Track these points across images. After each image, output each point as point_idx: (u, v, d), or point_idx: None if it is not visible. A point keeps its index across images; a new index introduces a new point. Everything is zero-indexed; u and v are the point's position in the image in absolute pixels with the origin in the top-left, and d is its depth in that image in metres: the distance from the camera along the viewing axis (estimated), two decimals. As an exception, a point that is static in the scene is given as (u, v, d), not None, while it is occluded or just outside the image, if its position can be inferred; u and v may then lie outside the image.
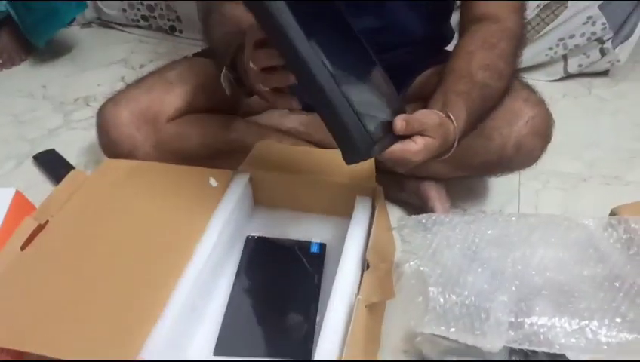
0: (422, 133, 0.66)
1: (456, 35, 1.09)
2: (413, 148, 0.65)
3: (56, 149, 1.18)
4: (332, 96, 0.58)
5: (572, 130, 1.24)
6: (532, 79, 1.43)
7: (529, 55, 1.40)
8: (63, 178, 0.90)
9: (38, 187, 1.07)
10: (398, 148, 0.65)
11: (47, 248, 0.77)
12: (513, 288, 0.66)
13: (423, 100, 0.82)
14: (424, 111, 0.68)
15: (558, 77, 1.47)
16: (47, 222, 0.81)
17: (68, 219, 0.82)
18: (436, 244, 0.72)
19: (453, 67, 0.81)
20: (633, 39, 1.39)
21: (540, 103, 0.88)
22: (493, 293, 0.65)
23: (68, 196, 0.85)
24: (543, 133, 0.88)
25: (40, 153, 1.17)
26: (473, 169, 0.93)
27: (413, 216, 0.78)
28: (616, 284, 0.66)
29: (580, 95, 1.43)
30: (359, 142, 0.60)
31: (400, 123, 0.64)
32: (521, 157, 0.89)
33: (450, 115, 0.71)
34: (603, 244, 0.73)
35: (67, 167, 1.10)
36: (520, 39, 0.85)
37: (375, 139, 0.61)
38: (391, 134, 0.65)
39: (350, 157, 0.62)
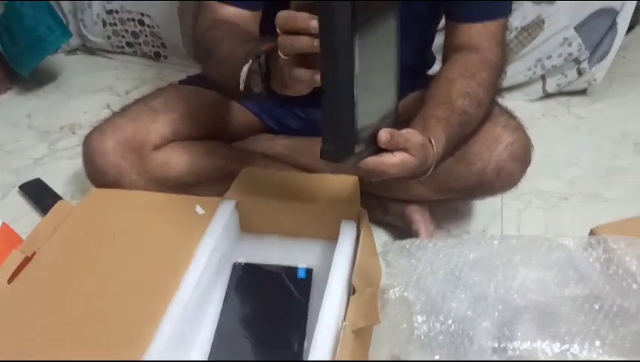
0: (404, 150, 0.66)
1: (438, 59, 1.12)
2: (391, 160, 0.65)
3: (42, 179, 1.18)
4: (343, 92, 0.58)
5: (552, 149, 1.27)
6: (512, 99, 1.47)
7: (509, 75, 1.43)
8: (49, 208, 0.90)
9: (25, 218, 1.08)
10: (376, 157, 0.65)
11: (35, 281, 0.77)
12: (496, 313, 0.67)
13: (404, 124, 0.84)
14: (409, 129, 0.69)
15: (537, 96, 1.50)
16: (34, 254, 0.81)
17: (55, 250, 0.82)
18: (420, 270, 0.73)
19: (434, 93, 0.83)
20: (609, 59, 1.43)
21: (519, 128, 0.91)
22: (476, 319, 0.66)
23: (54, 227, 0.85)
24: (523, 157, 0.90)
25: (26, 183, 1.17)
26: (455, 192, 0.95)
27: (397, 241, 0.80)
28: (596, 306, 0.68)
29: (559, 114, 1.46)
30: (343, 142, 0.60)
31: (385, 135, 0.64)
32: (501, 181, 0.91)
33: (431, 140, 0.72)
34: (583, 264, 0.75)
35: (53, 197, 1.10)
36: (499, 70, 0.88)
37: (359, 142, 0.61)
38: (374, 146, 0.65)
39: (327, 154, 0.62)
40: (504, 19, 0.90)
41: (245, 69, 0.69)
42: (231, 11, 0.88)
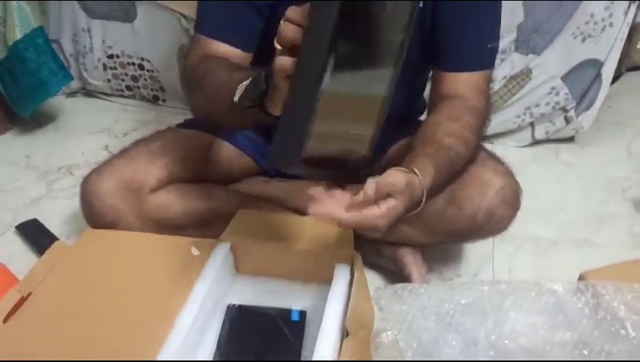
0: (388, 195, 0.67)
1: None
2: (377, 212, 0.66)
3: (39, 219, 1.19)
4: (304, 99, 0.56)
5: (542, 195, 1.30)
6: (502, 145, 1.50)
7: (499, 122, 1.47)
8: (45, 248, 0.91)
9: (21, 258, 1.08)
10: (360, 214, 0.66)
11: (30, 320, 0.78)
12: (487, 358, 0.68)
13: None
14: (391, 171, 0.70)
15: (526, 143, 1.53)
16: (30, 294, 0.82)
17: (51, 290, 0.83)
18: (412, 316, 0.74)
19: (420, 136, 0.86)
20: (595, 108, 1.47)
21: (509, 174, 0.93)
22: None
23: (51, 268, 0.86)
24: (513, 202, 0.93)
25: (22, 223, 1.18)
26: (446, 236, 0.97)
27: (390, 286, 0.81)
28: (585, 352, 0.69)
29: (548, 160, 1.49)
30: (289, 149, 0.59)
31: (370, 189, 0.65)
32: (492, 225, 0.93)
33: (415, 170, 0.73)
34: (572, 309, 0.76)
35: (50, 237, 1.11)
36: (484, 117, 0.91)
37: (305, 155, 0.59)
38: (340, 171, 0.64)
39: (271, 156, 0.60)
40: (489, 71, 0.94)
41: (244, 84, 0.69)
42: (223, 49, 0.90)
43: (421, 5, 0.90)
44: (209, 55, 0.88)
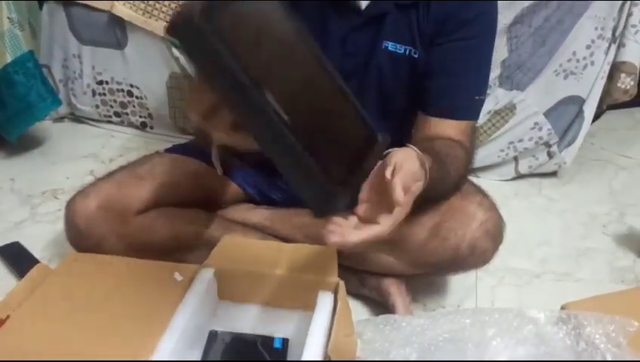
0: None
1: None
2: (405, 208, 0.65)
3: (21, 242, 1.18)
4: (287, 147, 0.54)
5: (524, 228, 1.31)
6: (486, 178, 1.52)
7: (483, 156, 1.49)
8: (26, 271, 0.90)
9: (2, 281, 1.06)
10: (395, 217, 0.65)
11: (7, 344, 0.76)
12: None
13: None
14: (402, 156, 0.67)
15: (509, 177, 1.55)
16: (7, 317, 0.80)
17: (29, 314, 0.82)
18: (395, 348, 0.74)
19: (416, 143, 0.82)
20: (577, 143, 1.50)
21: (492, 208, 0.94)
22: None
23: (30, 291, 0.85)
24: (496, 235, 0.94)
25: (3, 246, 1.16)
26: (430, 267, 0.97)
27: (372, 318, 0.81)
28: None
29: (531, 194, 1.51)
30: (323, 195, 0.57)
31: (399, 194, 0.62)
32: (475, 257, 0.93)
33: (418, 152, 0.71)
34: (554, 339, 0.77)
35: (31, 261, 1.09)
36: (470, 159, 0.92)
37: (339, 184, 0.58)
38: (358, 176, 0.62)
39: (316, 212, 0.59)
40: (474, 121, 0.95)
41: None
42: None
43: (416, 55, 0.92)
44: None
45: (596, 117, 1.55)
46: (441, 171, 0.78)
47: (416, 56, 0.92)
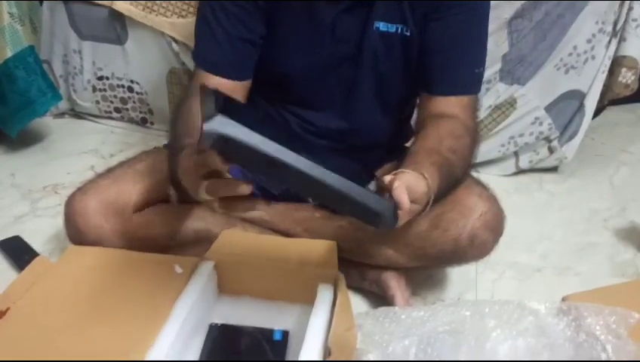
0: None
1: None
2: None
3: (22, 236, 1.18)
4: (342, 186, 0.62)
5: (525, 223, 1.31)
6: (486, 173, 1.52)
7: (483, 151, 1.49)
8: (27, 265, 0.90)
9: (3, 274, 1.06)
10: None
11: (7, 335, 0.76)
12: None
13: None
14: (411, 178, 0.72)
15: (510, 172, 1.55)
16: (8, 309, 0.80)
17: (30, 306, 0.82)
18: (393, 346, 0.73)
19: (423, 146, 0.86)
20: (578, 138, 1.50)
21: (493, 199, 0.94)
22: None
23: (31, 283, 0.85)
24: (496, 227, 0.94)
25: (4, 240, 1.16)
26: (430, 259, 0.97)
27: (372, 311, 0.81)
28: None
29: (532, 189, 1.51)
30: (386, 212, 0.65)
31: (405, 203, 0.67)
32: (475, 249, 0.93)
33: (425, 175, 0.75)
34: (554, 331, 0.76)
35: (32, 255, 1.09)
36: (477, 141, 0.93)
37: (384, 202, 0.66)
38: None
39: (379, 229, 0.67)
40: (475, 96, 0.96)
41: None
42: (214, 81, 0.92)
43: (408, 33, 0.92)
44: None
45: (597, 112, 1.55)
46: (448, 180, 0.82)
47: (408, 34, 0.92)
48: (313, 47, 0.94)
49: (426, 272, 1.10)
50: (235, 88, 0.94)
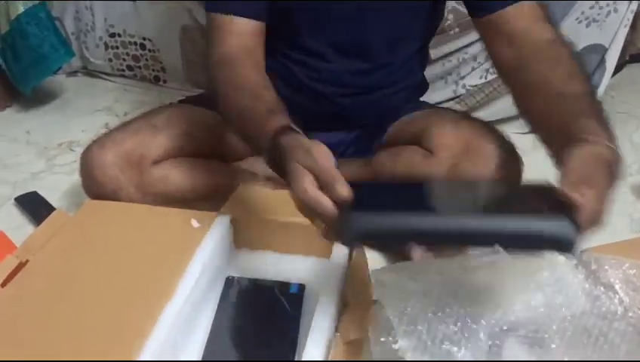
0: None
1: (432, 88, 1.15)
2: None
3: (39, 192, 1.19)
4: (498, 226, 0.57)
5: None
6: (505, 131, 1.49)
7: (501, 108, 1.46)
8: (44, 219, 0.91)
9: (20, 229, 1.08)
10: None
11: (28, 286, 0.77)
12: (483, 335, 0.67)
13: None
14: (573, 161, 0.62)
15: (528, 129, 1.52)
16: (27, 260, 0.81)
17: (49, 258, 0.82)
18: (409, 292, 0.72)
19: (545, 102, 0.78)
20: (598, 94, 1.46)
21: (511, 149, 0.95)
22: (462, 341, 0.66)
23: (49, 235, 0.86)
24: (514, 176, 0.94)
25: (22, 195, 1.17)
26: None
27: (387, 266, 0.81)
28: (583, 327, 0.68)
29: (550, 147, 1.48)
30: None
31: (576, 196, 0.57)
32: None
33: (585, 137, 0.64)
34: (573, 283, 0.76)
35: (49, 209, 1.10)
36: (566, 42, 0.81)
37: None
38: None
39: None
40: (531, 3, 0.83)
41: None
42: (240, 26, 0.88)
43: None
44: (227, 54, 0.87)
45: (617, 69, 1.51)
46: (596, 106, 0.71)
47: None
48: None
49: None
50: (256, 31, 0.90)
